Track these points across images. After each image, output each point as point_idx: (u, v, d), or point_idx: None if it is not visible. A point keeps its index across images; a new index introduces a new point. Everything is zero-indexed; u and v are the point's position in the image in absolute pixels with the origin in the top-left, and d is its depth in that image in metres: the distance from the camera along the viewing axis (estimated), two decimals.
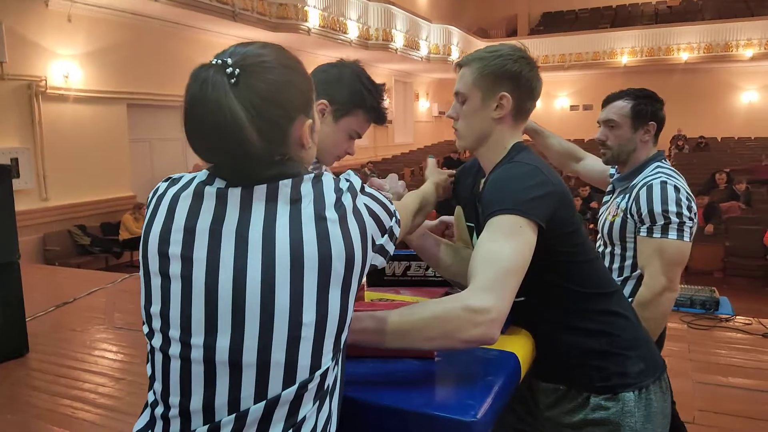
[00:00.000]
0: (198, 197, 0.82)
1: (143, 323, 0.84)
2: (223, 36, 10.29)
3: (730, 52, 16.67)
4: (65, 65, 7.74)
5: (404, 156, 16.47)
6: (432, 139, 19.79)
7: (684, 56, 17.21)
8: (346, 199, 0.83)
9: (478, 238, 1.11)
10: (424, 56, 15.89)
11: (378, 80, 1.52)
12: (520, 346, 1.15)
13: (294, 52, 0.87)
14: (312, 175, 0.83)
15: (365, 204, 0.86)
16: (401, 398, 0.93)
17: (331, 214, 0.80)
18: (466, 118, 1.25)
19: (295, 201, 0.80)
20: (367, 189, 0.90)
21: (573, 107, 19.91)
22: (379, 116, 1.51)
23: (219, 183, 0.82)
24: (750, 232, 7.68)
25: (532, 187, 1.09)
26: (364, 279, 0.95)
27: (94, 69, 8.16)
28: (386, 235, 0.90)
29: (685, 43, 17.18)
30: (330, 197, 0.81)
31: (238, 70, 0.78)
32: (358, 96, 1.46)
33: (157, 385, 0.82)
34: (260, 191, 0.80)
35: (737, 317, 4.17)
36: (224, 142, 0.78)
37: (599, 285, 1.22)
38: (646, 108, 1.84)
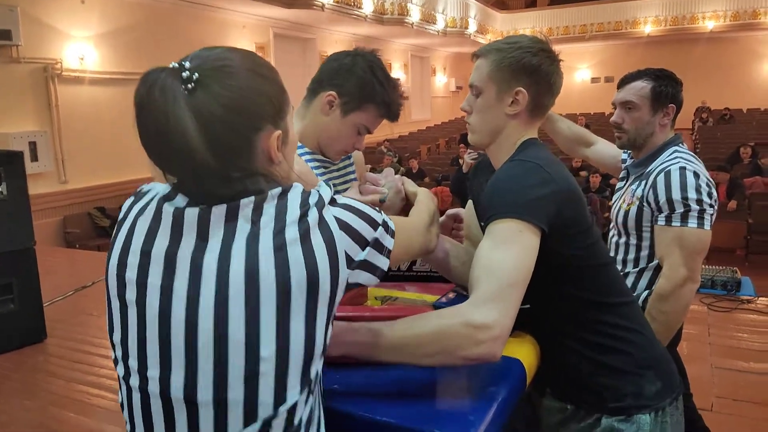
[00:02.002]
0: (157, 216, 0.77)
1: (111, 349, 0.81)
2: (238, 14, 10.22)
3: (758, 19, 16.12)
4: (80, 47, 7.73)
5: (421, 133, 16.32)
6: (449, 114, 19.56)
7: (710, 25, 16.69)
8: (312, 213, 0.75)
9: None
10: (440, 30, 15.60)
11: (394, 56, 1.47)
12: (525, 352, 1.10)
13: (308, 28, 0.81)
14: (279, 190, 0.76)
15: (335, 216, 0.77)
16: (396, 413, 0.89)
17: (291, 232, 0.73)
18: (479, 112, 1.18)
19: (255, 221, 0.73)
20: (341, 200, 0.81)
21: (594, 80, 19.52)
22: (390, 112, 1.44)
23: (180, 200, 0.76)
24: None
25: (531, 186, 1.03)
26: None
27: (108, 50, 8.14)
28: (369, 248, 0.80)
29: (711, 11, 16.67)
30: (293, 214, 0.74)
31: (196, 74, 0.71)
32: (368, 89, 1.39)
33: (126, 414, 0.79)
34: (219, 212, 0.73)
35: (760, 299, 4.07)
36: (172, 154, 0.71)
37: (613, 294, 1.14)
38: (667, 89, 1.75)
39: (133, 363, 0.76)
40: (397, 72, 16.14)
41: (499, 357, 0.91)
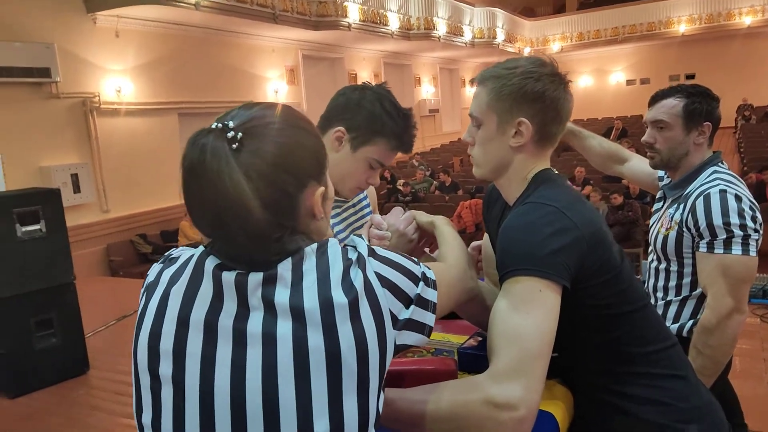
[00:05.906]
0: (194, 282, 0.74)
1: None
2: (265, 39, 10.40)
3: None
4: (117, 80, 7.97)
5: (452, 145, 16.22)
6: None
7: (747, 20, 16.18)
8: (356, 273, 0.72)
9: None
10: (468, 42, 15.55)
11: (422, 69, 1.42)
12: (558, 404, 1.02)
13: (336, 48, 0.78)
14: (315, 246, 0.74)
15: (377, 272, 0.74)
16: None
17: (338, 296, 0.70)
18: (482, 144, 1.08)
19: (297, 283, 0.70)
20: (379, 252, 0.78)
21: (629, 82, 19.14)
22: (402, 144, 1.39)
23: (216, 264, 0.73)
24: None
25: (550, 236, 0.92)
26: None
27: (144, 81, 8.38)
28: (413, 306, 0.77)
29: (748, 6, 16.16)
30: (336, 273, 0.72)
31: (240, 134, 0.70)
32: (378, 122, 1.35)
33: None
34: (256, 279, 0.71)
35: None
36: (224, 216, 0.69)
37: (651, 341, 1.03)
38: (701, 107, 1.65)
39: None
40: (426, 85, 16.16)
41: None
